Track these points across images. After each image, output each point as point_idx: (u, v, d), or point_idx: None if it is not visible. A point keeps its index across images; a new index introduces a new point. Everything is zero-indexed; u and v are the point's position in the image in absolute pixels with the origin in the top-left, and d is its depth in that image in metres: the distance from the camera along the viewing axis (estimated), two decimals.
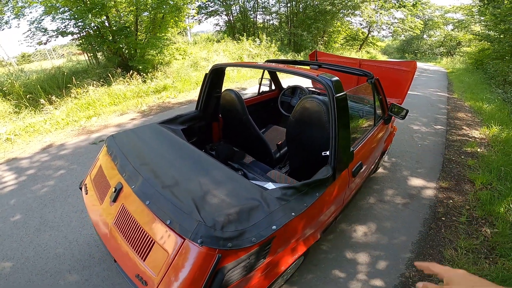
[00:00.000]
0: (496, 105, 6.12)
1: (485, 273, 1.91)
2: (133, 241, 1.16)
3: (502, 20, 9.05)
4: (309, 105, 1.71)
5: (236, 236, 0.99)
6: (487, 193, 2.84)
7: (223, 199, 1.14)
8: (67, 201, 2.68)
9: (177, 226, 1.02)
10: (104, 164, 1.60)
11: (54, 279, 1.86)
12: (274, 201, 1.17)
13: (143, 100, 6.14)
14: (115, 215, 1.29)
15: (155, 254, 1.07)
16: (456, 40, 24.71)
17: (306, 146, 1.84)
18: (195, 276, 0.97)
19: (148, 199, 1.15)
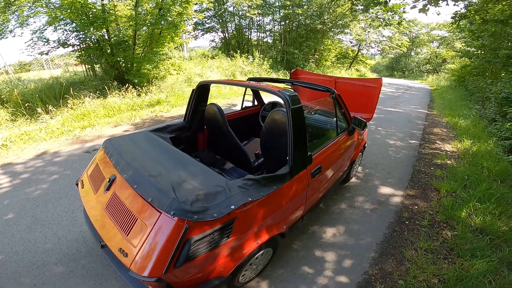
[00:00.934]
0: (471, 120, 6.53)
1: (443, 273, 2.11)
2: (120, 220, 1.40)
3: (478, 36, 9.59)
4: (277, 116, 2.02)
5: (201, 211, 1.26)
6: (451, 199, 3.10)
7: (195, 186, 1.41)
8: (59, 202, 2.86)
9: (155, 202, 1.29)
10: (101, 162, 1.84)
11: (40, 270, 2.01)
12: (236, 188, 1.45)
13: (137, 113, 6.39)
14: (107, 201, 1.54)
15: (137, 228, 1.31)
16: (441, 57, 25.66)
17: (276, 151, 2.11)
18: (167, 244, 1.21)
19: (136, 184, 1.43)
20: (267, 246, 1.76)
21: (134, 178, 1.47)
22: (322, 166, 2.13)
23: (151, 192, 1.35)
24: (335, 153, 2.41)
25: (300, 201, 1.95)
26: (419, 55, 28.54)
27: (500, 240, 2.44)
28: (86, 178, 1.88)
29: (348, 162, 2.92)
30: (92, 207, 1.65)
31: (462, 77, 12.91)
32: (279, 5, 14.68)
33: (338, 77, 3.86)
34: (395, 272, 2.12)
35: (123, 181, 1.52)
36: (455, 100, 9.42)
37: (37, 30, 6.99)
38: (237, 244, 1.48)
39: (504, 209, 2.89)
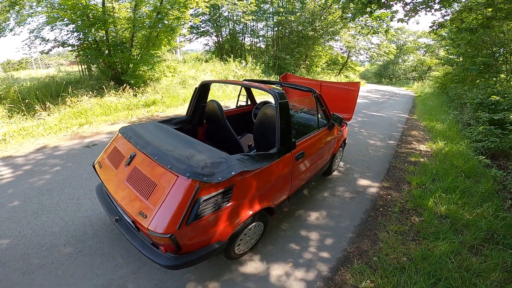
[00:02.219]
0: (447, 124, 7.04)
1: (411, 252, 2.42)
2: (140, 188, 1.67)
3: (458, 44, 10.19)
4: (267, 111, 2.39)
5: (209, 175, 1.57)
6: (420, 190, 3.48)
7: (203, 158, 1.72)
8: (64, 191, 3.07)
9: (174, 168, 1.59)
10: (119, 144, 2.12)
11: (49, 251, 2.18)
12: (235, 160, 1.77)
13: (133, 112, 6.61)
14: (128, 174, 1.80)
15: (156, 192, 1.58)
16: (427, 65, 26.63)
17: (266, 140, 2.45)
18: (182, 202, 1.49)
19: (156, 156, 1.72)
20: (259, 219, 2.06)
21: (153, 152, 1.76)
22: (305, 153, 2.47)
23: (170, 161, 1.64)
24: (316, 143, 2.77)
25: (286, 181, 2.28)
26: (406, 63, 29.50)
27: (461, 225, 2.79)
28: (105, 159, 2.13)
29: (329, 155, 3.28)
30: (113, 181, 1.89)
31: (444, 84, 13.57)
32: (272, 11, 15.18)
33: (323, 81, 4.25)
34: (370, 250, 2.44)
35: (143, 156, 1.80)
36: (436, 106, 10.01)
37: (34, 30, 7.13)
38: (235, 210, 1.78)
39: (468, 200, 3.27)
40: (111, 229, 2.44)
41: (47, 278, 1.94)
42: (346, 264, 2.25)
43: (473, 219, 2.88)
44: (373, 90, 16.99)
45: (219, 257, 2.16)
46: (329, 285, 2.04)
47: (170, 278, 1.98)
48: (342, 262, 2.28)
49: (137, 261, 2.11)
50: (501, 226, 2.76)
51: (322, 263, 2.25)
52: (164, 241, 1.49)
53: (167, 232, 1.46)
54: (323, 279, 2.09)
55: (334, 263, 2.25)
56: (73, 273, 1.99)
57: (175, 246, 1.52)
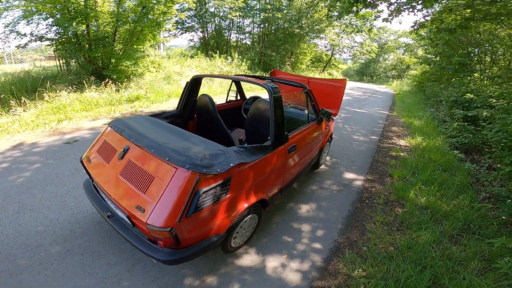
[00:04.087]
0: (424, 121, 7.39)
1: (397, 241, 2.54)
2: (136, 182, 1.63)
3: (436, 44, 10.67)
4: (260, 105, 2.44)
5: (208, 166, 1.57)
6: (402, 183, 3.65)
7: (201, 150, 1.72)
8: (46, 188, 2.94)
9: (173, 160, 1.57)
10: (109, 138, 2.05)
11: (35, 251, 2.08)
12: (232, 152, 1.79)
13: (115, 107, 6.39)
14: (122, 168, 1.75)
15: (154, 185, 1.56)
16: (405, 64, 27.73)
17: (259, 133, 2.49)
18: (182, 194, 1.48)
19: (153, 148, 1.69)
20: (254, 211, 2.09)
21: (149, 145, 1.73)
22: (297, 146, 2.54)
23: (167, 153, 1.62)
24: (306, 137, 2.84)
25: (279, 173, 2.33)
26: (386, 61, 30.55)
27: (440, 215, 2.96)
28: (94, 154, 2.06)
29: (318, 149, 3.37)
30: (104, 176, 1.84)
31: (421, 82, 14.20)
32: (259, 8, 15.13)
33: (311, 78, 4.34)
34: (359, 240, 2.54)
35: (138, 148, 1.77)
36: (414, 104, 10.48)
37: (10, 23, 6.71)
38: (233, 202, 1.79)
39: (445, 192, 3.47)
40: (100, 227, 2.38)
41: (36, 278, 1.86)
42: (338, 254, 2.34)
43: (450, 210, 3.06)
44: (355, 88, 17.46)
45: (215, 251, 2.16)
46: (323, 274, 2.11)
47: (166, 274, 1.97)
48: (334, 252, 2.37)
49: (130, 258, 2.07)
50: (476, 216, 2.96)
51: (315, 253, 2.32)
52: (164, 235, 1.47)
53: (167, 225, 1.44)
54: (317, 269, 2.16)
55: (326, 254, 2.33)
56: (63, 272, 1.92)
57: (174, 240, 1.50)
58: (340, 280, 2.06)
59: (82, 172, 3.29)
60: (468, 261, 2.29)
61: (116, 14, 7.31)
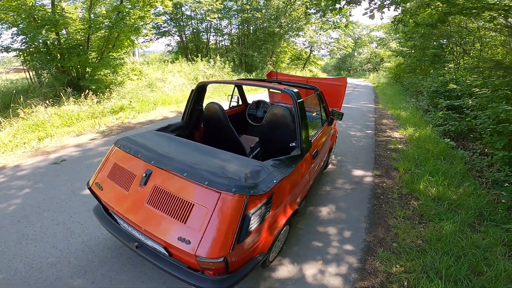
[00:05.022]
0: (410, 112, 7.68)
1: (423, 234, 2.52)
2: (170, 210, 1.45)
3: (410, 37, 11.14)
4: (277, 111, 2.32)
5: (253, 186, 1.43)
6: (409, 176, 3.71)
7: (238, 168, 1.57)
8: (43, 215, 2.65)
9: (213, 184, 1.40)
10: (121, 160, 1.83)
11: (55, 285, 1.88)
12: (270, 167, 1.66)
13: (100, 120, 6.00)
14: (148, 196, 1.55)
15: (196, 213, 1.39)
16: (379, 57, 28.93)
17: (276, 140, 2.39)
18: (231, 220, 1.34)
19: (185, 172, 1.50)
20: (287, 222, 1.99)
21: (180, 168, 1.53)
22: (318, 150, 2.47)
23: (205, 177, 1.44)
24: (322, 139, 2.80)
25: (306, 180, 2.25)
26: (361, 55, 31.76)
27: (454, 206, 3.00)
28: (105, 179, 1.84)
29: (328, 149, 3.33)
30: (126, 204, 1.64)
31: (397, 74, 14.83)
32: (237, 9, 15.01)
33: (309, 77, 4.31)
34: (387, 237, 2.51)
35: (164, 172, 1.57)
36: (394, 95, 10.90)
37: None
38: (274, 218, 1.67)
39: (450, 181, 3.54)
40: (118, 254, 2.16)
41: None
42: (371, 253, 2.30)
43: (461, 199, 3.13)
44: None
45: None
46: (363, 275, 2.06)
47: None
48: (366, 252, 2.32)
49: (162, 285, 1.89)
50: (485, 203, 3.03)
51: (349, 255, 2.26)
52: (216, 265, 1.33)
53: (220, 256, 1.30)
54: (355, 270, 2.11)
55: (360, 254, 2.28)
56: None
57: (225, 268, 1.37)
58: (381, 278, 2.02)
59: (80, 195, 3.02)
60: (492, 247, 2.33)
61: (88, 21, 6.88)
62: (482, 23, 7.21)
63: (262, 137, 2.59)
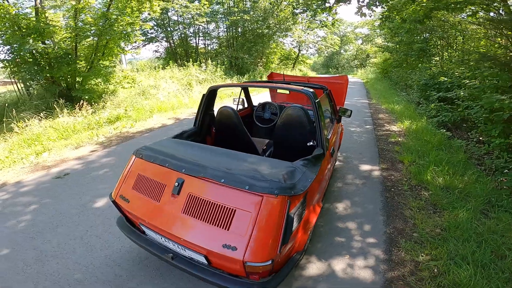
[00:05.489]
0: (403, 105, 7.89)
1: (440, 223, 2.58)
2: (211, 218, 1.42)
3: (396, 33, 11.45)
4: (292, 111, 2.38)
5: (292, 187, 1.44)
6: (415, 167, 3.81)
7: (272, 170, 1.58)
8: (57, 231, 2.57)
9: (255, 188, 1.40)
10: (145, 170, 1.80)
11: None
12: (301, 167, 1.68)
13: (97, 131, 5.87)
14: (183, 205, 1.52)
15: (239, 219, 1.37)
16: (365, 53, 29.63)
17: (292, 141, 2.43)
18: (276, 222, 1.34)
19: (222, 178, 1.49)
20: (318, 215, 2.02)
21: (215, 174, 1.52)
22: (334, 148, 2.52)
23: (244, 181, 1.44)
24: (334, 138, 2.85)
25: (327, 177, 2.29)
26: (347, 52, 32.48)
27: (464, 194, 3.08)
28: (131, 191, 1.79)
29: (338, 145, 3.40)
30: (159, 216, 1.60)
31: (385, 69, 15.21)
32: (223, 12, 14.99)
33: (310, 77, 4.37)
34: (406, 228, 2.57)
35: (198, 180, 1.55)
36: (385, 90, 11.16)
37: None
38: (308, 217, 1.69)
39: (454, 170, 3.63)
40: (145, 266, 2.12)
41: None
42: (394, 244, 2.35)
43: (467, 186, 3.22)
44: None
45: None
46: (392, 265, 2.11)
47: None
48: (390, 243, 2.37)
49: None
50: (490, 190, 3.13)
51: (374, 248, 2.31)
52: (265, 268, 1.33)
53: (269, 259, 1.30)
54: (383, 262, 2.15)
55: (384, 246, 2.33)
56: None
57: (271, 270, 1.37)
58: (410, 267, 2.07)
59: (91, 208, 2.96)
60: (507, 232, 2.40)
61: (74, 29, 6.73)
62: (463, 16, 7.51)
63: (276, 138, 2.62)
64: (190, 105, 8.41)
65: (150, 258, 2.18)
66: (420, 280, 1.95)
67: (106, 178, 3.76)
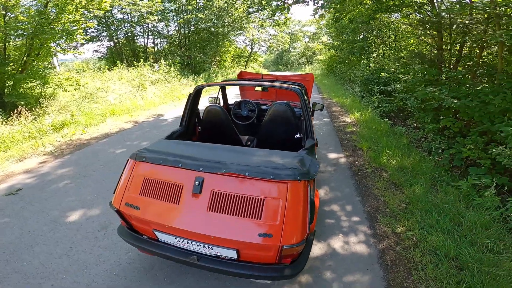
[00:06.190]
0: (350, 98, 8.78)
1: (403, 199, 3.02)
2: (241, 211, 1.49)
3: (341, 32, 12.56)
4: (279, 107, 2.58)
5: (308, 173, 1.59)
6: (372, 153, 4.36)
7: (284, 159, 1.70)
8: (35, 250, 2.32)
9: (279, 176, 1.51)
10: (153, 174, 1.73)
11: None
12: (306, 155, 1.84)
13: (42, 140, 5.16)
14: (208, 203, 1.54)
15: (269, 207, 1.47)
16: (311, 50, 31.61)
17: (279, 134, 2.63)
18: (303, 205, 1.49)
19: (246, 171, 1.55)
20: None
21: (238, 169, 1.57)
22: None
23: (268, 172, 1.53)
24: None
25: None
26: (295, 50, 34.19)
27: (415, 173, 3.60)
28: (137, 198, 1.70)
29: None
30: (183, 218, 1.58)
31: (330, 65, 16.55)
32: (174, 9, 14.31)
33: (278, 75, 4.61)
34: (379, 205, 2.98)
35: (219, 176, 1.58)
36: (332, 85, 12.20)
37: None
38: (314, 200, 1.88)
39: (401, 153, 4.24)
40: (153, 276, 2.04)
41: None
42: (375, 220, 2.72)
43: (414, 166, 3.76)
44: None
45: None
46: (379, 238, 2.45)
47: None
48: (371, 219, 2.73)
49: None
50: (432, 168, 3.71)
51: (359, 225, 2.64)
52: (298, 249, 1.46)
53: (301, 239, 1.44)
54: (371, 236, 2.48)
55: (367, 222, 2.68)
56: None
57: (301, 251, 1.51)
58: (393, 238, 2.44)
59: (64, 223, 2.72)
60: (455, 202, 2.85)
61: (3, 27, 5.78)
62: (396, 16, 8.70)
63: (262, 133, 2.78)
64: (147, 107, 7.95)
65: (156, 266, 2.12)
66: (406, 248, 2.31)
67: (69, 190, 3.42)
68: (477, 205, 2.76)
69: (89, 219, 2.79)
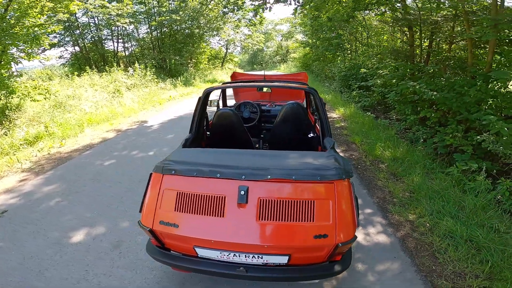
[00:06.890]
0: (332, 95, 9.06)
1: (405, 188, 3.17)
2: (293, 216, 1.47)
3: (317, 30, 12.88)
4: (292, 107, 2.59)
5: (349, 170, 1.61)
6: (366, 146, 4.56)
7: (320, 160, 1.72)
8: (46, 276, 2.13)
9: (326, 177, 1.52)
10: (187, 187, 1.64)
11: None
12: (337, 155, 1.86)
13: (16, 156, 4.69)
14: (256, 212, 1.49)
15: (320, 209, 1.47)
16: (285, 49, 32.05)
17: (291, 134, 2.65)
18: (350, 202, 1.51)
19: (292, 175, 1.53)
20: None
21: (284, 173, 1.54)
22: None
23: (314, 174, 1.54)
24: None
25: None
26: (269, 49, 34.48)
27: (409, 163, 3.77)
28: (174, 214, 1.59)
29: None
30: (230, 231, 1.52)
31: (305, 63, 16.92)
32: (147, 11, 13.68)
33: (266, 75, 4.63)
34: (386, 196, 3.12)
35: (265, 183, 1.55)
36: (310, 82, 12.44)
37: None
38: None
39: (392, 144, 4.45)
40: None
41: None
42: (386, 211, 2.85)
43: (404, 155, 3.98)
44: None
45: None
46: (395, 227, 2.57)
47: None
48: (382, 210, 2.86)
49: None
50: (421, 157, 3.92)
51: (373, 216, 2.76)
52: (351, 244, 1.49)
53: (354, 235, 1.48)
54: (387, 225, 2.60)
55: (380, 213, 2.80)
56: None
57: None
58: (409, 226, 2.58)
59: (70, 244, 2.53)
60: (451, 188, 3.01)
61: None
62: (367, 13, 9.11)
63: (273, 135, 2.80)
64: (127, 114, 7.53)
65: (188, 283, 2.03)
66: (422, 234, 2.45)
67: (63, 208, 3.17)
68: (471, 189, 2.91)
69: (96, 239, 2.61)
